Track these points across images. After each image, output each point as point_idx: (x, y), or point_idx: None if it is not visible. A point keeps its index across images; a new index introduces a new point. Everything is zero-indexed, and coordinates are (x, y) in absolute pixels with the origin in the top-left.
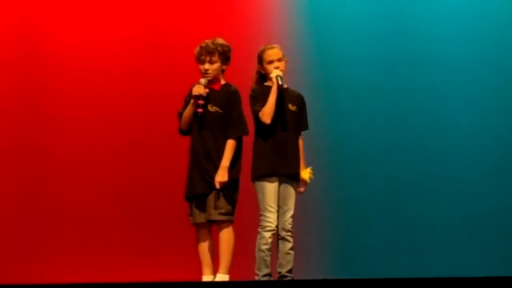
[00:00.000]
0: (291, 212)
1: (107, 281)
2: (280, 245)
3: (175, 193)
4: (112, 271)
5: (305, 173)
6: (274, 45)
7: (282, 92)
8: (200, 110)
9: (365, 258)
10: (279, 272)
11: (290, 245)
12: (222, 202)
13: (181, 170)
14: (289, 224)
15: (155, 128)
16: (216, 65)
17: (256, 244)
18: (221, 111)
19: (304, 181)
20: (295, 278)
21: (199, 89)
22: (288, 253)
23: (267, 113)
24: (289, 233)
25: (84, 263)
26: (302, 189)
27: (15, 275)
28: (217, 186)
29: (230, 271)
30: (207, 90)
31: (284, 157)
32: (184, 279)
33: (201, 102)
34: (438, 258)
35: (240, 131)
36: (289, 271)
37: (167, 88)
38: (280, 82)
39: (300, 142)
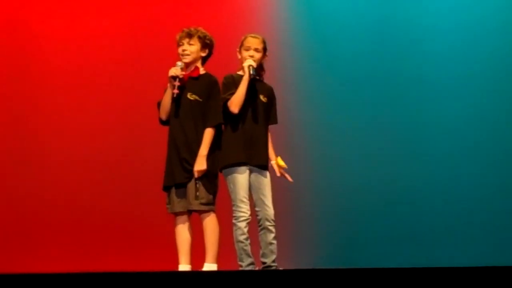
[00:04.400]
0: (270, 201)
1: (86, 270)
2: (263, 236)
3: (154, 183)
4: (92, 260)
5: (280, 160)
6: (258, 35)
7: (254, 83)
8: (176, 91)
9: (355, 248)
10: (264, 263)
11: (272, 235)
12: (202, 192)
13: (157, 161)
14: (271, 214)
15: (139, 122)
16: (194, 48)
17: (234, 236)
18: (200, 99)
19: (282, 167)
20: (284, 268)
21: (175, 71)
22: (271, 243)
23: (235, 103)
24: (271, 223)
25: (67, 253)
26: (288, 177)
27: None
28: (196, 175)
29: (217, 261)
30: (183, 73)
31: (254, 148)
32: (160, 268)
33: (177, 83)
34: (429, 248)
35: (218, 120)
36: (274, 261)
37: (154, 82)
38: (251, 72)
39: (269, 134)
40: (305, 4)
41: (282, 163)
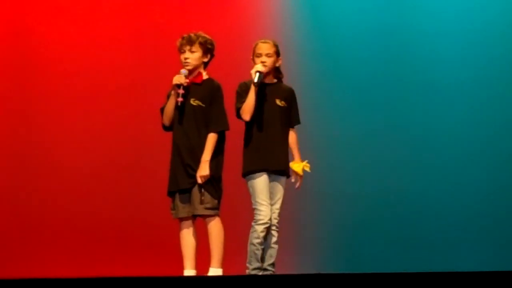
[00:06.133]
0: (277, 206)
1: (91, 275)
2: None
3: (159, 188)
4: (97, 265)
5: (298, 166)
6: (268, 40)
7: (264, 88)
8: (180, 99)
9: (357, 253)
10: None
11: (274, 239)
12: (207, 197)
13: (162, 166)
14: (275, 218)
15: (143, 127)
16: (196, 55)
17: (249, 237)
18: (203, 105)
19: (296, 174)
20: (288, 272)
21: (179, 79)
22: (272, 247)
23: (246, 110)
24: (274, 227)
25: (71, 258)
26: (297, 183)
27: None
28: (199, 180)
29: (223, 265)
30: (187, 80)
31: (272, 153)
32: (165, 274)
33: (181, 91)
34: (431, 253)
35: (221, 126)
36: (271, 265)
37: (158, 87)
38: (256, 80)
39: (294, 135)
40: (310, 8)
41: (298, 169)
